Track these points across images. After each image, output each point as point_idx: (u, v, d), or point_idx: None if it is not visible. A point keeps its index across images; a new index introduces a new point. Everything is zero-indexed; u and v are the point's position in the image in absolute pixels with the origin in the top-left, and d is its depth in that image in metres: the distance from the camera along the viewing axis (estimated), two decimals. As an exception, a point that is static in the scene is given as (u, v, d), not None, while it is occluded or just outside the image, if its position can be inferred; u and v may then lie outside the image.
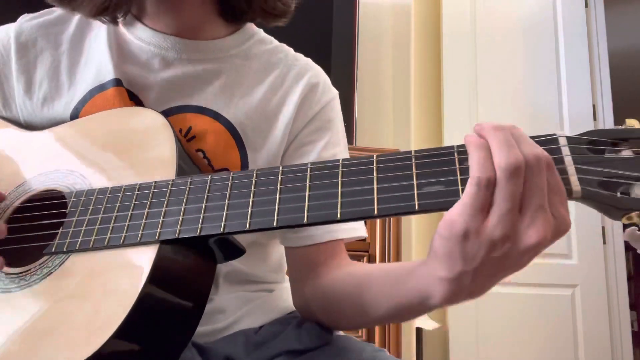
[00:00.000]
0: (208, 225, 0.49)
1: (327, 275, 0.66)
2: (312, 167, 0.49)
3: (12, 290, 0.52)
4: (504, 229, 0.40)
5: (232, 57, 0.73)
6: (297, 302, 0.71)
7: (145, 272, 0.47)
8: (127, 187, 0.54)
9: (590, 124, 2.62)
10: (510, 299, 2.39)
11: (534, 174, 0.40)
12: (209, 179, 0.52)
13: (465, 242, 0.41)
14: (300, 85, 0.73)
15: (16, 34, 0.71)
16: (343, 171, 0.48)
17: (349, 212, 0.45)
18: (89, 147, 0.62)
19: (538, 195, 0.40)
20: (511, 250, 0.41)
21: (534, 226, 0.40)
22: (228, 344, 0.64)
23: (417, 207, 0.43)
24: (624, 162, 0.41)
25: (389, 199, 0.45)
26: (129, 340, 0.46)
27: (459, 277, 0.44)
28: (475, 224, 0.40)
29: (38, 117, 0.70)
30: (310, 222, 0.46)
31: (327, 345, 0.63)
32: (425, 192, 0.44)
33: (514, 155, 0.40)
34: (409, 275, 0.52)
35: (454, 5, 2.61)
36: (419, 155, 0.46)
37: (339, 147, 0.74)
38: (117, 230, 0.51)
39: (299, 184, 0.48)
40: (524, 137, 0.42)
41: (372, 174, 0.46)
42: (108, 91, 0.67)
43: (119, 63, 0.69)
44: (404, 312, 0.55)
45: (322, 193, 0.47)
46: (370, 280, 0.59)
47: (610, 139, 0.43)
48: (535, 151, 0.40)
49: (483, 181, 0.40)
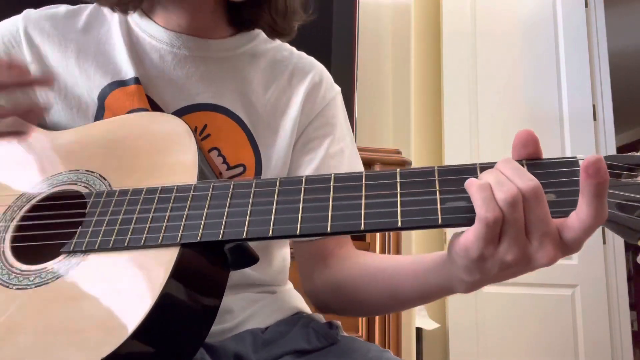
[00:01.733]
0: (230, 230, 0.49)
1: (337, 265, 0.69)
2: (336, 178, 0.50)
3: (28, 287, 0.52)
4: (514, 254, 0.44)
5: (240, 56, 0.74)
6: (309, 292, 0.74)
7: (166, 273, 0.47)
8: (148, 190, 0.54)
9: (590, 123, 2.62)
10: (510, 299, 2.40)
11: (532, 204, 0.43)
12: (232, 185, 0.52)
13: (482, 262, 0.45)
14: (304, 83, 0.75)
15: (25, 24, 0.71)
16: (367, 184, 0.49)
17: (372, 223, 0.47)
18: (109, 149, 0.62)
19: (541, 223, 0.43)
20: (524, 267, 0.46)
21: (543, 250, 0.43)
22: (236, 342, 0.64)
23: (440, 222, 0.45)
24: (639, 187, 0.43)
25: (411, 212, 0.46)
26: (145, 340, 0.46)
27: (478, 282, 0.49)
28: (488, 251, 0.44)
29: (61, 107, 0.69)
30: (333, 231, 0.47)
31: (334, 345, 0.64)
32: (448, 207, 0.45)
33: (509, 189, 0.43)
34: (432, 272, 0.56)
35: (454, 5, 2.61)
36: (442, 170, 0.48)
37: (345, 141, 0.76)
38: (138, 231, 0.51)
39: (323, 195, 0.49)
40: (521, 170, 0.45)
41: (396, 188, 0.48)
42: (129, 87, 0.68)
43: (136, 61, 0.70)
44: (426, 299, 0.62)
45: (345, 204, 0.48)
46: (398, 273, 0.62)
47: (626, 164, 0.45)
48: (530, 184, 0.43)
49: (490, 220, 0.43)
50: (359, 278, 0.67)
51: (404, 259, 0.64)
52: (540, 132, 0.48)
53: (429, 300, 0.61)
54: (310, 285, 0.73)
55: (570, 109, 2.60)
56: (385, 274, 0.64)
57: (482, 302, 2.39)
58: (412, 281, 0.60)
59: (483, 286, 0.50)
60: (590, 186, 0.41)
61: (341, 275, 0.68)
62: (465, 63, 2.57)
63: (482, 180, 0.44)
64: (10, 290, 0.52)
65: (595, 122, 2.64)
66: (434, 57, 2.58)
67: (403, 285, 0.61)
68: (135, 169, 0.58)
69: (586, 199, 0.41)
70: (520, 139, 0.47)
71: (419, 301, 0.62)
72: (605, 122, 2.65)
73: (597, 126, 2.64)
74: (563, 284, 2.46)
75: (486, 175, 0.45)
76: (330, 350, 0.63)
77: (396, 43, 2.09)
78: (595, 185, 0.40)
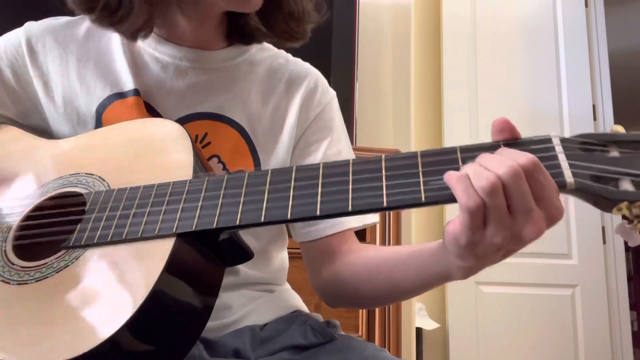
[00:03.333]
0: (224, 218, 0.51)
1: (341, 260, 0.71)
2: (325, 166, 0.52)
3: (29, 282, 0.53)
4: (502, 235, 0.45)
5: (238, 65, 0.75)
6: (317, 289, 0.76)
7: (161, 262, 0.48)
8: (145, 187, 0.56)
9: (590, 123, 2.62)
10: (510, 299, 2.40)
11: (512, 188, 0.44)
12: (225, 177, 0.54)
13: (473, 248, 0.47)
14: (301, 89, 0.77)
15: (27, 37, 0.72)
16: (354, 169, 0.51)
17: (359, 204, 0.48)
18: (108, 153, 0.64)
19: (523, 201, 0.45)
20: (516, 245, 0.47)
21: (529, 224, 0.45)
22: (235, 338, 0.65)
23: (424, 200, 0.47)
24: (612, 160, 0.46)
25: (396, 193, 0.48)
26: (140, 329, 0.47)
27: (475, 266, 0.50)
28: (476, 237, 0.46)
29: (62, 119, 0.71)
30: (322, 214, 0.49)
31: (331, 342, 0.66)
32: (431, 187, 0.47)
33: (487, 177, 0.44)
34: (431, 261, 0.58)
35: (454, 6, 2.61)
36: (424, 153, 0.50)
37: (341, 142, 0.79)
38: (135, 224, 0.53)
39: (312, 181, 0.51)
40: (498, 156, 0.47)
41: (381, 172, 0.50)
42: (128, 99, 0.69)
43: (136, 73, 0.71)
44: (427, 287, 0.63)
45: (334, 189, 0.50)
46: (398, 264, 0.64)
47: (599, 140, 0.48)
48: (510, 164, 0.44)
49: (472, 207, 0.45)
50: (361, 271, 0.68)
51: (403, 250, 0.65)
52: (540, 132, 0.50)
53: (430, 288, 0.63)
54: (318, 282, 0.75)
55: (570, 109, 2.60)
56: (387, 266, 0.66)
57: (482, 302, 2.39)
58: (413, 271, 0.62)
59: (480, 270, 0.51)
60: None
61: (345, 269, 0.70)
62: (465, 63, 2.57)
63: (460, 171, 0.46)
64: (10, 286, 0.53)
65: (595, 122, 2.64)
66: (434, 57, 2.59)
67: (404, 276, 0.63)
68: (134, 170, 0.60)
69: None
70: (496, 125, 0.49)
71: (420, 290, 0.64)
72: (605, 122, 2.65)
73: (597, 126, 2.64)
74: (563, 284, 2.46)
75: (465, 167, 0.47)
76: (327, 347, 0.65)
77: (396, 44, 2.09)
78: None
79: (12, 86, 0.71)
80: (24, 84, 0.71)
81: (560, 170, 0.46)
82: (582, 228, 2.47)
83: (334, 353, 0.63)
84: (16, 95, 0.71)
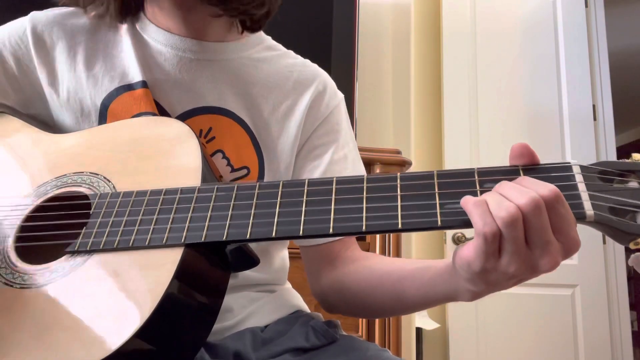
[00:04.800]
0: (234, 231, 0.50)
1: (344, 267, 0.70)
2: (338, 181, 0.51)
3: (32, 286, 0.52)
4: (516, 265, 0.45)
5: (244, 59, 0.75)
6: (316, 295, 0.76)
7: (170, 272, 0.48)
8: (153, 192, 0.55)
9: (590, 123, 2.62)
10: (510, 299, 2.39)
11: (532, 218, 0.43)
12: (235, 187, 0.53)
13: (486, 274, 0.47)
14: (309, 91, 0.76)
15: (32, 25, 0.71)
16: (368, 186, 0.50)
17: (373, 224, 0.48)
18: (114, 152, 0.62)
19: (542, 233, 0.44)
20: (530, 275, 0.47)
21: (545, 256, 0.45)
22: (236, 340, 0.65)
23: (440, 224, 0.47)
24: (631, 192, 0.45)
25: (412, 214, 0.47)
26: (148, 340, 0.46)
27: (484, 291, 0.50)
28: (490, 264, 0.45)
29: (65, 109, 0.70)
30: (335, 232, 0.48)
31: (333, 343, 0.65)
32: (447, 210, 0.47)
33: (506, 209, 0.43)
34: (438, 281, 0.57)
35: (454, 5, 2.61)
36: (441, 174, 0.49)
37: (348, 146, 0.78)
38: (142, 232, 0.52)
39: (324, 197, 0.50)
40: (519, 185, 0.45)
41: (396, 190, 0.49)
42: (136, 91, 0.69)
43: (144, 65, 0.70)
44: (430, 305, 0.63)
45: (347, 207, 0.49)
46: (404, 279, 0.63)
47: (617, 170, 0.47)
48: (532, 196, 0.43)
49: (488, 235, 0.44)
50: (364, 281, 0.67)
51: (409, 264, 0.64)
52: (540, 132, 0.50)
53: (433, 305, 0.62)
54: (318, 288, 0.74)
55: (570, 109, 2.60)
56: (391, 279, 0.65)
57: (482, 302, 2.39)
58: (418, 287, 0.61)
59: (490, 293, 0.51)
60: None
61: (347, 278, 0.69)
62: (465, 63, 2.57)
63: (479, 197, 0.46)
64: (14, 290, 0.52)
65: (595, 122, 2.64)
66: (434, 57, 2.58)
67: (408, 291, 0.62)
68: (139, 171, 0.59)
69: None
70: (515, 150, 0.48)
71: (423, 306, 0.64)
72: (605, 122, 2.65)
73: (597, 126, 2.64)
74: (563, 284, 2.46)
75: (485, 196, 0.46)
76: (329, 349, 0.64)
77: (396, 43, 2.08)
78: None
79: (15, 74, 0.71)
80: (27, 72, 0.71)
81: (580, 202, 0.46)
82: (582, 228, 2.46)
83: (336, 355, 0.63)
84: (18, 84, 0.71)
